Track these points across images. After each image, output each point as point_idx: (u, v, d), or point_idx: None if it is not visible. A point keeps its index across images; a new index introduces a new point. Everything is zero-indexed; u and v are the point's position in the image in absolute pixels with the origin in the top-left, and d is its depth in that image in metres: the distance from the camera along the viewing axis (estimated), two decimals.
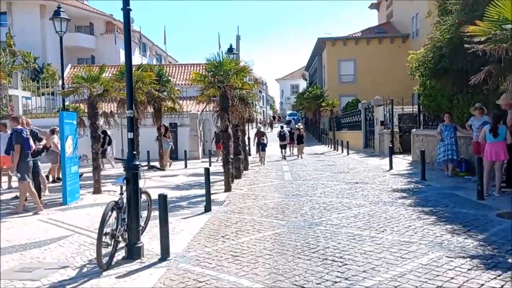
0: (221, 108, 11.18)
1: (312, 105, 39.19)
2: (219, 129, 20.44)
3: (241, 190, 11.33)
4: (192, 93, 24.12)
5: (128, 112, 5.43)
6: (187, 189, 11.73)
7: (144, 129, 18.10)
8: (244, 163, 15.96)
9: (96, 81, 11.17)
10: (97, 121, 11.41)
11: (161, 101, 16.87)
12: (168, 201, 9.57)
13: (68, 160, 9.57)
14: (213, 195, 10.08)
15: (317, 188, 10.96)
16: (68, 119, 9.66)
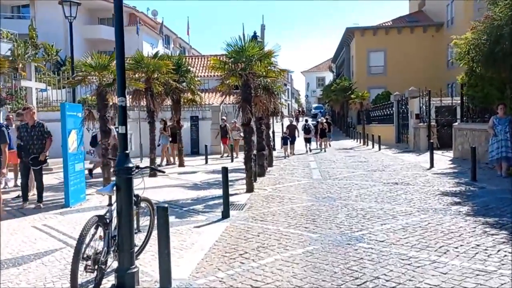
0: (242, 99, 9.97)
1: (339, 98, 37.55)
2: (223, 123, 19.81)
3: (264, 190, 10.12)
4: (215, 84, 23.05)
5: (119, 100, 4.27)
6: (205, 188, 10.60)
7: None
8: (269, 159, 14.74)
9: (106, 70, 10.14)
10: (106, 113, 10.39)
11: (180, 93, 15.77)
12: (182, 205, 8.58)
13: (72, 157, 8.56)
14: (233, 197, 8.94)
15: (351, 190, 9.64)
16: (71, 111, 8.64)
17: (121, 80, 4.26)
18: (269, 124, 15.66)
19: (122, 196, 4.20)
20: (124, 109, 4.26)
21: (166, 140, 16.83)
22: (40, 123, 8.48)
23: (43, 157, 8.34)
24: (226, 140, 20.01)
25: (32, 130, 8.29)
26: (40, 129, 8.35)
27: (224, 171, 7.21)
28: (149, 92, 13.28)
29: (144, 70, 13.08)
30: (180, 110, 16.45)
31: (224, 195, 7.15)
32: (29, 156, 8.20)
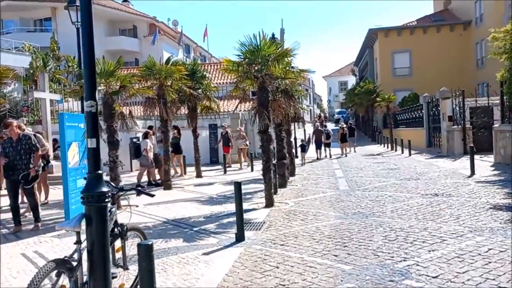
0: (259, 104, 9.00)
1: (364, 102, 36.17)
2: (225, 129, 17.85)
3: (286, 204, 9.10)
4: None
5: (87, 105, 3.37)
6: (220, 202, 9.64)
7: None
8: (290, 168, 13.70)
9: (112, 76, 9.35)
10: (114, 123, 9.59)
11: (195, 100, 14.93)
12: (193, 223, 7.52)
13: (72, 172, 7.75)
14: (250, 213, 7.96)
15: (385, 203, 8.51)
16: (71, 122, 7.84)
17: (89, 81, 3.35)
18: (289, 131, 14.62)
19: (94, 231, 3.26)
20: (94, 116, 3.35)
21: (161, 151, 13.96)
22: (27, 136, 7.59)
23: (33, 172, 7.46)
24: (228, 149, 18.24)
25: (18, 145, 7.40)
26: (26, 142, 7.44)
27: (237, 187, 6.22)
28: (161, 100, 12.46)
29: (157, 77, 12.29)
30: (197, 118, 15.61)
31: (238, 216, 6.16)
32: (18, 174, 7.36)
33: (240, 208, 6.19)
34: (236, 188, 6.22)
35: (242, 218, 6.20)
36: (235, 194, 6.25)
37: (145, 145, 12.77)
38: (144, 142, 12.86)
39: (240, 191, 6.21)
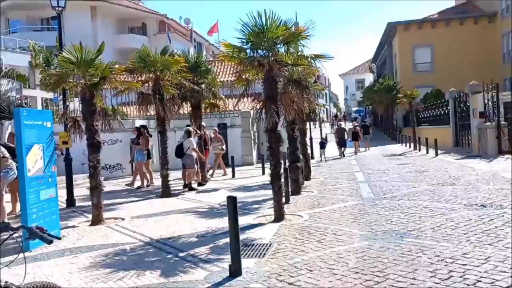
0: (265, 96, 7.44)
1: (383, 99, 34.23)
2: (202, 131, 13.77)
3: (299, 217, 7.51)
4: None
5: None
6: (221, 215, 8.07)
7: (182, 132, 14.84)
8: (305, 171, 12.08)
9: (91, 67, 7.90)
10: (94, 122, 8.13)
11: (199, 96, 13.43)
12: (181, 245, 5.67)
13: (33, 181, 6.30)
14: (254, 230, 6.44)
15: (421, 217, 6.86)
16: (33, 120, 6.39)
17: None
18: (304, 130, 13.01)
19: None
20: None
21: (143, 156, 12.82)
22: None
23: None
24: (206, 152, 14.80)
25: None
26: None
27: (230, 205, 4.64)
28: (158, 96, 11.00)
29: (151, 70, 10.83)
30: (201, 117, 14.10)
31: (233, 244, 4.59)
32: None
33: (235, 233, 4.63)
34: (230, 205, 4.66)
35: (238, 246, 4.63)
36: (229, 216, 4.69)
37: (189, 144, 11.76)
38: (188, 141, 11.82)
39: (234, 210, 4.64)
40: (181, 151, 11.93)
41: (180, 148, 11.95)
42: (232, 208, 4.64)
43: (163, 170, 11.06)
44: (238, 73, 8.02)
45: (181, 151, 11.93)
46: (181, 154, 11.93)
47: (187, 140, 11.98)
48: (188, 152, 11.85)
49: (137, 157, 12.80)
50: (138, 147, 12.81)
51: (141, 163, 12.74)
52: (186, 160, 11.91)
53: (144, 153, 12.77)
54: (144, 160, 12.79)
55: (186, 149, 11.86)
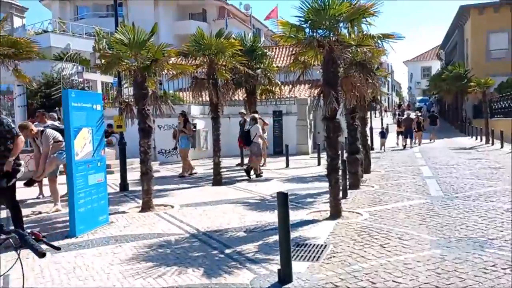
0: (324, 81, 6.76)
1: (452, 88, 31.87)
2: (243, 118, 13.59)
3: (357, 215, 6.83)
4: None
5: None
6: (272, 208, 7.53)
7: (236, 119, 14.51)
8: (365, 163, 11.26)
9: (143, 48, 7.62)
10: (145, 106, 7.87)
11: (254, 82, 12.97)
12: (228, 241, 5.42)
13: (81, 165, 6.12)
14: (308, 228, 5.86)
15: (503, 223, 5.93)
16: (81, 102, 6.19)
17: None
18: (365, 119, 12.12)
19: None
20: None
21: (188, 143, 12.47)
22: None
23: (8, 166, 5.35)
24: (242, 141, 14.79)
25: None
26: None
27: (281, 201, 4.09)
28: (211, 81, 10.62)
29: (206, 53, 10.44)
30: (255, 103, 13.63)
31: (283, 246, 4.06)
32: None
33: (286, 234, 4.08)
34: (280, 202, 4.10)
35: (289, 248, 4.08)
36: (279, 214, 4.14)
37: (256, 131, 11.45)
38: (256, 127, 11.52)
39: (285, 207, 4.08)
40: (249, 138, 11.60)
41: (248, 135, 11.62)
42: (283, 206, 4.08)
43: (215, 157, 10.73)
44: (295, 55, 7.37)
45: (248, 138, 11.60)
46: (248, 141, 11.61)
47: (254, 126, 11.66)
48: (255, 139, 11.54)
49: (181, 144, 12.40)
50: (183, 134, 12.33)
51: (186, 150, 12.35)
52: (253, 147, 11.58)
53: (188, 140, 12.40)
54: (188, 147, 12.43)
55: (253, 136, 11.54)
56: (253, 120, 11.77)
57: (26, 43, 8.45)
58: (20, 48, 8.33)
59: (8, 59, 8.34)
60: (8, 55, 8.19)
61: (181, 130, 12.29)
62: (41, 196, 8.98)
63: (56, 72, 19.31)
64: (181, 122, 12.30)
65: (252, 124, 11.70)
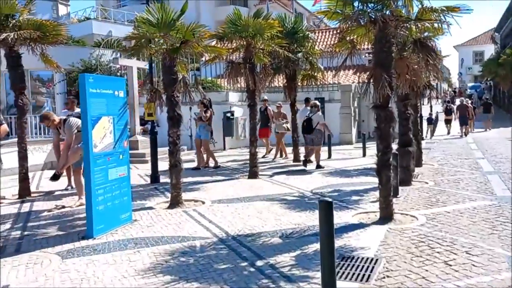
0: (376, 63, 5.81)
1: (509, 73, 29.49)
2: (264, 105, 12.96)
3: (412, 220, 5.89)
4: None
5: None
6: (313, 208, 6.70)
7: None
8: (416, 155, 10.13)
9: (172, 29, 6.92)
10: (175, 93, 7.21)
11: (294, 66, 12.05)
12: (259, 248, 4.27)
13: (100, 158, 5.54)
14: (353, 234, 5.02)
15: None
16: (100, 88, 5.58)
17: None
18: (417, 107, 10.95)
19: None
20: None
21: (207, 134, 11.38)
22: None
23: None
24: (266, 131, 13.67)
25: None
26: None
27: (323, 212, 3.27)
28: (248, 65, 9.83)
29: (243, 35, 9.64)
30: (296, 90, 12.73)
31: (326, 267, 3.25)
32: None
33: (329, 251, 3.27)
34: (322, 213, 3.28)
35: (333, 267, 3.27)
36: (321, 227, 3.33)
37: (319, 119, 10.84)
38: (318, 115, 10.88)
39: (329, 219, 3.26)
40: (310, 126, 10.79)
41: (309, 123, 10.82)
42: (325, 217, 3.27)
43: (251, 148, 9.99)
44: (341, 34, 6.43)
45: (310, 126, 10.80)
46: (310, 130, 10.80)
47: (316, 114, 10.92)
48: (319, 127, 10.83)
49: (199, 134, 11.36)
50: (201, 122, 11.31)
51: (207, 141, 11.40)
52: (315, 136, 10.82)
53: (208, 130, 11.44)
54: (208, 138, 11.44)
55: (316, 124, 10.78)
56: (315, 107, 11.02)
57: (53, 26, 7.96)
58: (46, 31, 7.86)
59: (34, 43, 7.89)
60: (33, 39, 7.73)
61: (199, 118, 11.36)
62: (69, 188, 8.60)
63: (94, 58, 19.15)
64: (201, 110, 11.30)
65: (315, 111, 10.95)
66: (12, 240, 5.29)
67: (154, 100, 7.64)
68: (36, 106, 20.91)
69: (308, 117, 10.92)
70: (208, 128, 11.37)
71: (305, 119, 10.94)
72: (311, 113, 10.96)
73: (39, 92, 21.83)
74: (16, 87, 7.97)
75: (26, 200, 7.72)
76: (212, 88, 17.59)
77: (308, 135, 10.91)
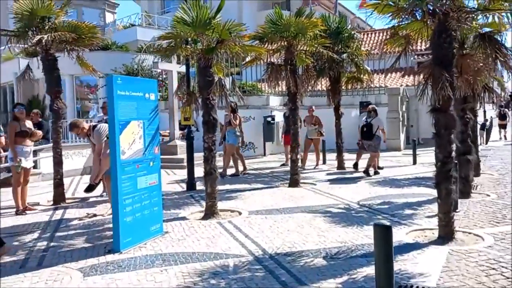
0: (435, 60, 5.09)
1: None
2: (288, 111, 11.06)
3: (477, 240, 5.11)
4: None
5: None
6: (360, 222, 6.04)
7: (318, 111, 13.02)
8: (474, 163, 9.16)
9: (208, 28, 6.50)
10: (210, 95, 6.77)
11: (339, 68, 11.37)
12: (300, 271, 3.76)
13: (128, 166, 5.15)
14: (409, 256, 4.36)
15: None
16: (129, 91, 5.20)
17: None
18: (475, 111, 9.96)
19: None
20: None
21: (235, 139, 10.69)
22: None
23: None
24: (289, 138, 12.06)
25: None
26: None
27: (380, 242, 2.65)
28: (289, 67, 9.28)
29: (284, 35, 9.10)
30: (340, 93, 12.03)
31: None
32: None
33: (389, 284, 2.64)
34: (380, 240, 2.66)
35: None
36: (377, 255, 2.71)
37: (379, 124, 10.45)
38: (378, 120, 10.49)
39: (387, 246, 2.63)
40: (371, 132, 10.35)
41: (369, 129, 10.37)
42: (383, 245, 2.64)
43: (292, 154, 9.41)
44: (394, 29, 5.75)
45: (370, 132, 10.36)
46: (370, 136, 10.34)
47: (376, 119, 10.46)
48: (379, 133, 10.43)
49: (228, 139, 10.65)
50: (230, 127, 10.58)
51: (233, 146, 10.72)
52: (374, 142, 10.37)
53: (237, 135, 10.74)
54: (235, 144, 10.77)
55: (376, 130, 10.34)
56: (373, 112, 10.56)
57: (88, 28, 7.77)
58: (82, 34, 7.67)
59: (70, 45, 7.72)
60: (69, 41, 7.56)
61: (228, 123, 10.64)
62: (104, 193, 8.35)
63: (136, 63, 19.24)
64: (229, 114, 10.58)
65: (374, 116, 10.49)
66: (36, 252, 4.99)
67: (189, 103, 7.23)
68: (83, 111, 21.36)
69: (368, 122, 10.44)
70: (239, 133, 10.77)
71: (364, 124, 10.51)
72: (370, 118, 10.48)
73: (86, 98, 22.31)
74: (52, 91, 7.83)
75: (59, 207, 7.53)
76: (253, 92, 17.17)
77: (367, 141, 10.43)
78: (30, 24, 7.51)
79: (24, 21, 7.48)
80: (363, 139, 10.55)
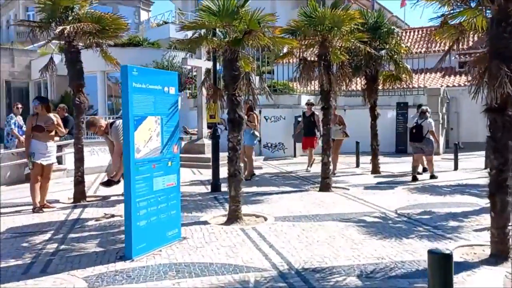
0: (491, 52, 4.41)
1: None
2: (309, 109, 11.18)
3: None
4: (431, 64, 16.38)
5: None
6: (399, 234, 5.40)
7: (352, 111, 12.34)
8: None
9: (235, 18, 6.01)
10: (237, 91, 6.28)
11: (376, 66, 10.66)
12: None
13: (144, 165, 4.72)
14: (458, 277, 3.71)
15: None
16: (146, 83, 4.77)
17: None
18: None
19: None
20: None
21: (252, 139, 9.97)
22: None
23: None
24: (312, 141, 11.64)
25: None
26: None
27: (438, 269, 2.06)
28: (323, 63, 8.67)
29: (318, 29, 8.50)
30: (377, 92, 11.31)
31: None
32: None
33: None
34: (436, 271, 2.08)
35: None
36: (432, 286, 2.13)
37: (429, 126, 10.01)
38: (428, 122, 10.03)
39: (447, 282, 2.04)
40: (420, 134, 9.90)
41: (419, 131, 9.93)
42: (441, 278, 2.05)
43: (324, 156, 8.80)
44: (443, 18, 5.07)
45: (420, 134, 9.91)
46: (420, 138, 9.90)
47: (426, 121, 9.99)
48: (429, 135, 9.97)
49: (244, 140, 9.06)
50: (248, 126, 9.60)
51: (250, 147, 10.02)
52: (426, 145, 9.93)
53: (253, 135, 9.99)
54: (253, 144, 10.09)
55: (426, 132, 9.90)
56: (424, 113, 10.07)
57: (112, 19, 7.43)
58: (106, 25, 7.35)
59: (93, 37, 7.41)
60: (92, 33, 7.25)
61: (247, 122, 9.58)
62: None
63: (166, 60, 19.06)
64: (245, 112, 9.28)
65: (424, 118, 10.01)
66: (43, 256, 4.64)
67: (214, 99, 6.77)
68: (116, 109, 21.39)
69: (418, 124, 9.93)
70: (256, 134, 10.06)
71: (414, 126, 10.03)
72: (422, 120, 9.94)
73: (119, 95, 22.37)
74: (73, 85, 7.54)
75: (78, 205, 7.24)
76: (285, 91, 16.61)
77: (416, 143, 9.94)
78: (53, 14, 7.25)
79: (46, 11, 7.23)
80: (412, 141, 10.14)
